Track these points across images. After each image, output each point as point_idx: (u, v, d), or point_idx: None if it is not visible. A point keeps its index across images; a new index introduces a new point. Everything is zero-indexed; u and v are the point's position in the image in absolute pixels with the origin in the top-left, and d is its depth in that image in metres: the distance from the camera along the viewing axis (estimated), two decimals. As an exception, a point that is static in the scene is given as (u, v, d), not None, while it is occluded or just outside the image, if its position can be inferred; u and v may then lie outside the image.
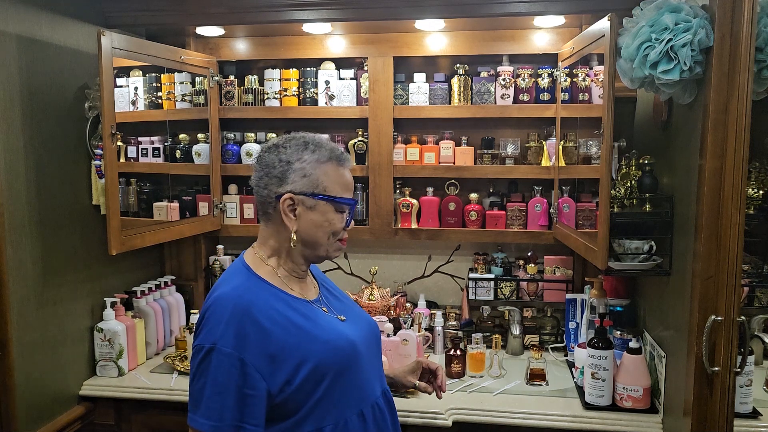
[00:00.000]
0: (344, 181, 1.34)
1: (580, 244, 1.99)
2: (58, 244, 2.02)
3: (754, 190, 1.89)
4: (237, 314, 1.21)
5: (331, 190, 1.31)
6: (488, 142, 2.43)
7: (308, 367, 1.23)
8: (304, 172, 1.30)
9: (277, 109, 2.52)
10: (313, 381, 1.24)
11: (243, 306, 1.23)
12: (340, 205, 1.32)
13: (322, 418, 1.25)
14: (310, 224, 1.31)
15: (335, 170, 1.33)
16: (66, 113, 2.06)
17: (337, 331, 1.32)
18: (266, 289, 1.30)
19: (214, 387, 1.18)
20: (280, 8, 2.22)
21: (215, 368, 1.19)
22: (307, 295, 1.37)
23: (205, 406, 1.18)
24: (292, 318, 1.27)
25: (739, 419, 1.61)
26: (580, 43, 2.06)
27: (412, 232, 2.48)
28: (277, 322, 1.25)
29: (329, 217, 1.31)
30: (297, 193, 1.29)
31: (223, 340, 1.19)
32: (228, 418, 1.18)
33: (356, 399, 1.31)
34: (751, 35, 1.37)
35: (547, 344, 2.38)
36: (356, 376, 1.31)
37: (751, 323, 1.90)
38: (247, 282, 1.29)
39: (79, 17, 2.11)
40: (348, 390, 1.29)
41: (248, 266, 1.33)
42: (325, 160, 1.32)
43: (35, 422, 1.93)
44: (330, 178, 1.32)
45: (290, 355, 1.23)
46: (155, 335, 2.34)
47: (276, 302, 1.28)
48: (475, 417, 1.87)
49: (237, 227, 2.60)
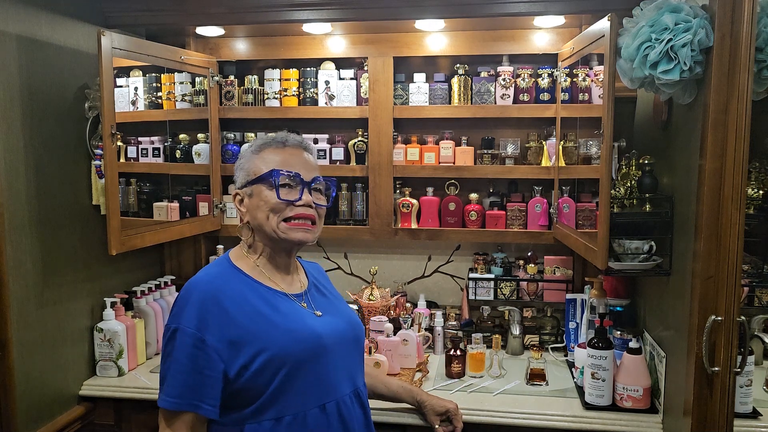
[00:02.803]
0: (277, 159, 1.38)
1: (580, 244, 1.99)
2: (58, 244, 2.02)
3: (754, 190, 1.89)
4: (202, 297, 1.27)
5: (260, 171, 1.37)
6: (488, 142, 2.43)
7: (266, 355, 1.26)
8: (242, 166, 1.41)
9: (277, 109, 2.52)
10: (271, 369, 1.26)
11: (210, 290, 1.28)
12: (266, 180, 1.35)
13: (281, 408, 1.28)
14: (252, 209, 1.38)
15: (269, 154, 1.39)
16: (66, 113, 2.06)
17: (304, 323, 1.34)
18: (240, 279, 1.35)
19: (176, 366, 1.24)
20: (280, 8, 2.22)
21: (178, 348, 1.24)
22: (289, 289, 1.41)
23: (168, 384, 1.25)
24: (259, 307, 1.31)
25: (739, 419, 1.61)
26: (580, 43, 2.06)
27: (412, 232, 2.48)
28: (243, 309, 1.29)
29: (263, 195, 1.35)
30: (240, 187, 1.40)
31: (186, 320, 1.25)
32: (186, 395, 1.23)
33: (319, 392, 1.33)
34: (751, 35, 1.37)
35: (547, 344, 2.38)
36: (319, 370, 1.33)
37: (751, 323, 1.90)
38: (222, 271, 1.36)
39: (79, 17, 2.11)
40: (310, 383, 1.31)
41: (229, 258, 1.40)
42: (258, 149, 1.40)
43: (35, 422, 1.93)
44: (263, 161, 1.38)
45: (250, 342, 1.26)
46: (155, 335, 2.34)
47: (246, 291, 1.33)
48: (475, 417, 1.87)
49: (237, 227, 2.59)
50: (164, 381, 1.25)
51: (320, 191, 1.43)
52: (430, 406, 1.71)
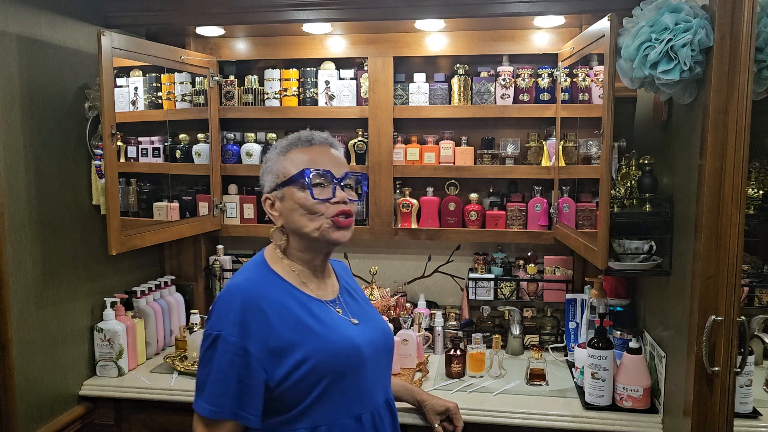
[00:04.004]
0: (306, 158, 1.34)
1: (580, 244, 1.99)
2: (58, 244, 2.02)
3: (754, 190, 1.89)
4: (245, 305, 1.24)
5: (290, 173, 1.33)
6: (488, 142, 2.43)
7: (308, 365, 1.24)
8: (270, 169, 1.37)
9: (277, 109, 2.52)
10: (311, 380, 1.25)
11: (252, 297, 1.25)
12: (297, 181, 1.32)
13: (317, 417, 1.27)
14: (287, 213, 1.34)
15: (297, 154, 1.35)
16: (66, 113, 2.06)
17: (345, 333, 1.32)
18: (279, 284, 1.32)
19: (217, 374, 1.22)
20: (280, 8, 2.22)
21: (220, 355, 1.22)
22: (324, 295, 1.38)
23: (207, 392, 1.22)
24: (300, 315, 1.29)
25: (739, 419, 1.62)
26: (580, 43, 2.06)
27: (412, 232, 2.48)
28: (284, 318, 1.26)
29: (296, 197, 1.32)
30: (269, 191, 1.36)
31: (229, 328, 1.22)
32: (228, 405, 1.22)
33: (355, 404, 1.31)
34: (751, 35, 1.37)
35: (547, 344, 2.38)
36: (357, 381, 1.31)
37: (751, 323, 1.91)
38: (261, 275, 1.32)
39: (79, 17, 2.11)
40: (347, 393, 1.29)
41: (265, 261, 1.36)
42: (284, 150, 1.37)
43: (35, 422, 1.93)
44: (291, 162, 1.34)
45: (292, 352, 1.24)
46: (155, 335, 2.34)
47: (286, 298, 1.30)
48: (475, 417, 1.87)
49: (237, 227, 2.60)
50: (203, 388, 1.23)
51: (351, 187, 1.39)
52: (430, 406, 1.71)
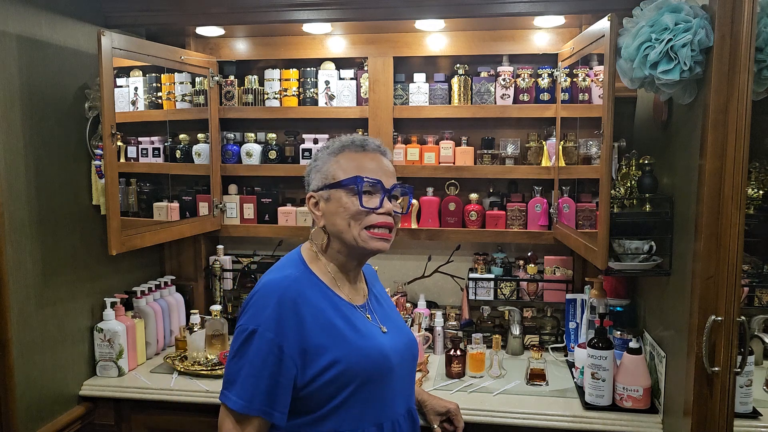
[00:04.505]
0: (358, 164, 1.33)
1: (580, 244, 1.99)
2: (58, 244, 2.02)
3: (754, 190, 1.89)
4: (282, 302, 1.24)
5: (340, 176, 1.33)
6: (488, 142, 2.43)
7: (337, 369, 1.25)
8: (318, 168, 1.36)
9: (277, 109, 2.52)
10: (338, 384, 1.26)
11: (290, 295, 1.26)
12: (347, 186, 1.31)
13: (341, 421, 1.27)
14: (330, 215, 1.34)
15: (349, 157, 1.34)
16: (66, 113, 2.06)
17: (375, 341, 1.33)
18: (315, 284, 1.33)
19: (251, 369, 1.22)
20: (280, 8, 2.22)
21: (255, 351, 1.22)
22: (355, 299, 1.39)
23: (239, 386, 1.23)
24: (333, 319, 1.29)
25: (739, 419, 1.61)
26: (580, 43, 2.06)
27: (412, 232, 2.48)
28: (318, 319, 1.27)
29: (342, 201, 1.32)
30: (316, 190, 1.35)
31: (266, 324, 1.23)
32: (257, 400, 1.22)
33: (378, 411, 1.32)
34: (751, 35, 1.37)
35: (547, 344, 2.38)
36: (382, 389, 1.32)
37: (751, 323, 1.90)
38: (299, 274, 1.33)
39: (79, 17, 2.10)
40: (371, 400, 1.30)
41: (303, 259, 1.37)
42: (337, 151, 1.36)
43: (35, 422, 1.93)
44: (341, 166, 1.34)
45: (323, 354, 1.25)
46: (155, 335, 2.34)
47: (321, 300, 1.31)
48: (475, 417, 1.87)
49: (237, 227, 2.60)
50: (235, 381, 1.23)
51: (396, 198, 1.39)
52: (430, 406, 1.71)
